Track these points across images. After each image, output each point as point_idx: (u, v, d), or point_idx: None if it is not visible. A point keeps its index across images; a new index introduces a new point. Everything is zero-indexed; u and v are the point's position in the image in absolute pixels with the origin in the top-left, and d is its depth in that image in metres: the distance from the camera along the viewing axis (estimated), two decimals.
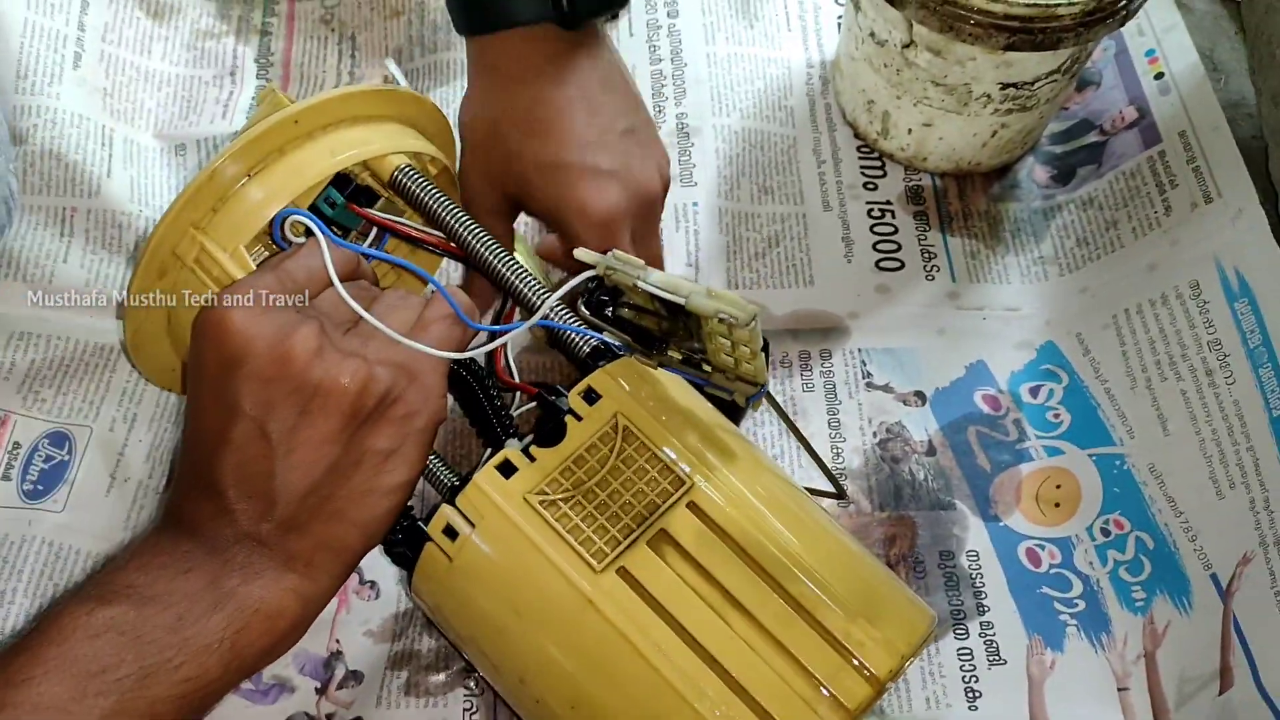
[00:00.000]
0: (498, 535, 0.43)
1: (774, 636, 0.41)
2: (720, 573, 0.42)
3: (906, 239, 0.67)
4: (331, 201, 0.50)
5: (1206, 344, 0.57)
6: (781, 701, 0.40)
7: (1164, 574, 0.54)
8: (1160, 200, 0.63)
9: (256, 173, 0.47)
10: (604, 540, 0.42)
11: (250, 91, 0.70)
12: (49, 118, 0.64)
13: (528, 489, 0.43)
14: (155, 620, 0.40)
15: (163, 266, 0.48)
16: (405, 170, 0.50)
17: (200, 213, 0.47)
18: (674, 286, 0.40)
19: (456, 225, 0.50)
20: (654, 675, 0.40)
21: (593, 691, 0.42)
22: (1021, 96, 0.62)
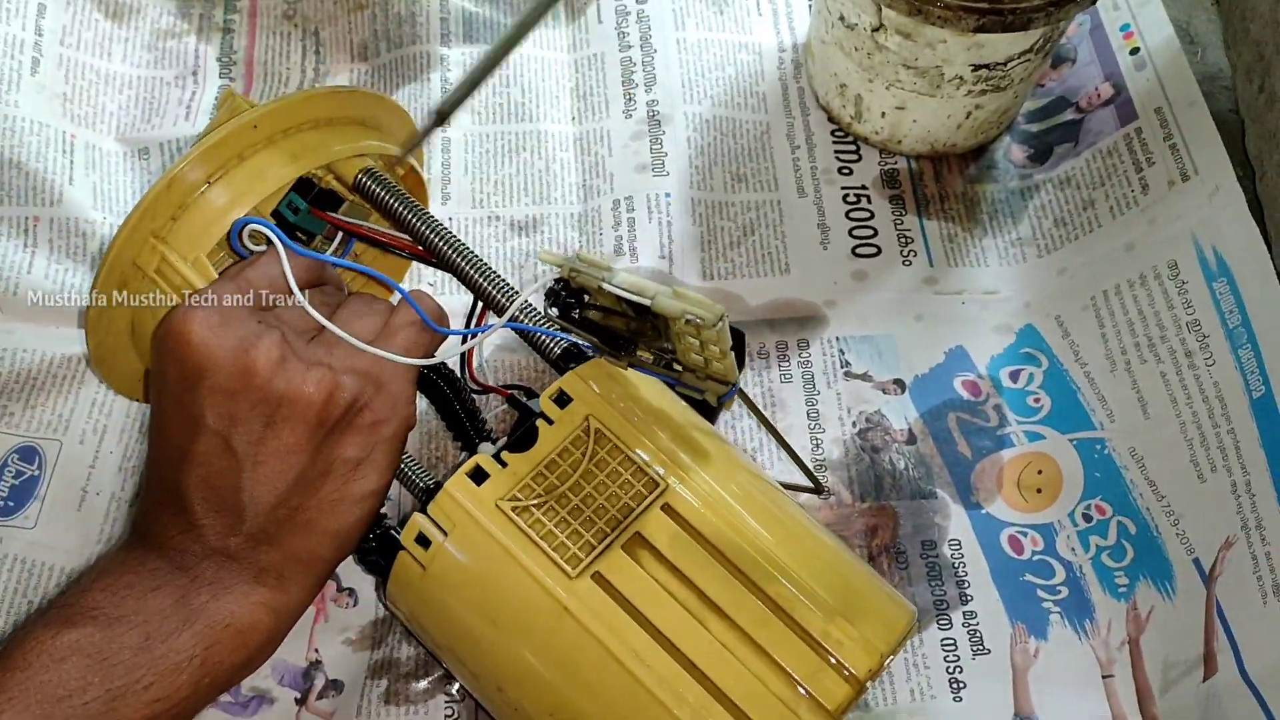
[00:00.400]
0: (470, 543, 0.42)
1: (752, 639, 0.40)
2: (696, 575, 0.41)
3: (883, 224, 0.66)
4: (294, 207, 0.50)
5: (1185, 325, 0.57)
6: (760, 705, 0.39)
7: (1147, 559, 0.54)
8: (1137, 178, 0.63)
9: (216, 179, 0.46)
10: (578, 546, 0.42)
11: (213, 91, 0.69)
12: (7, 126, 0.63)
13: (500, 495, 0.42)
14: (122, 640, 0.39)
15: (123, 277, 0.47)
16: (369, 173, 0.49)
17: (160, 221, 0.46)
18: (639, 288, 0.40)
19: (423, 227, 0.49)
20: (632, 682, 0.40)
21: (571, 699, 0.41)
22: (995, 77, 0.61)
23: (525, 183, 0.66)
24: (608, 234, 0.64)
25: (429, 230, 0.49)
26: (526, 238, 0.65)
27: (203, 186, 0.46)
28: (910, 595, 0.54)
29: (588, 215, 0.65)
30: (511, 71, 0.69)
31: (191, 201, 0.46)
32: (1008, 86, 0.63)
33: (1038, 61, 0.62)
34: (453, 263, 0.49)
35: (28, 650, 0.38)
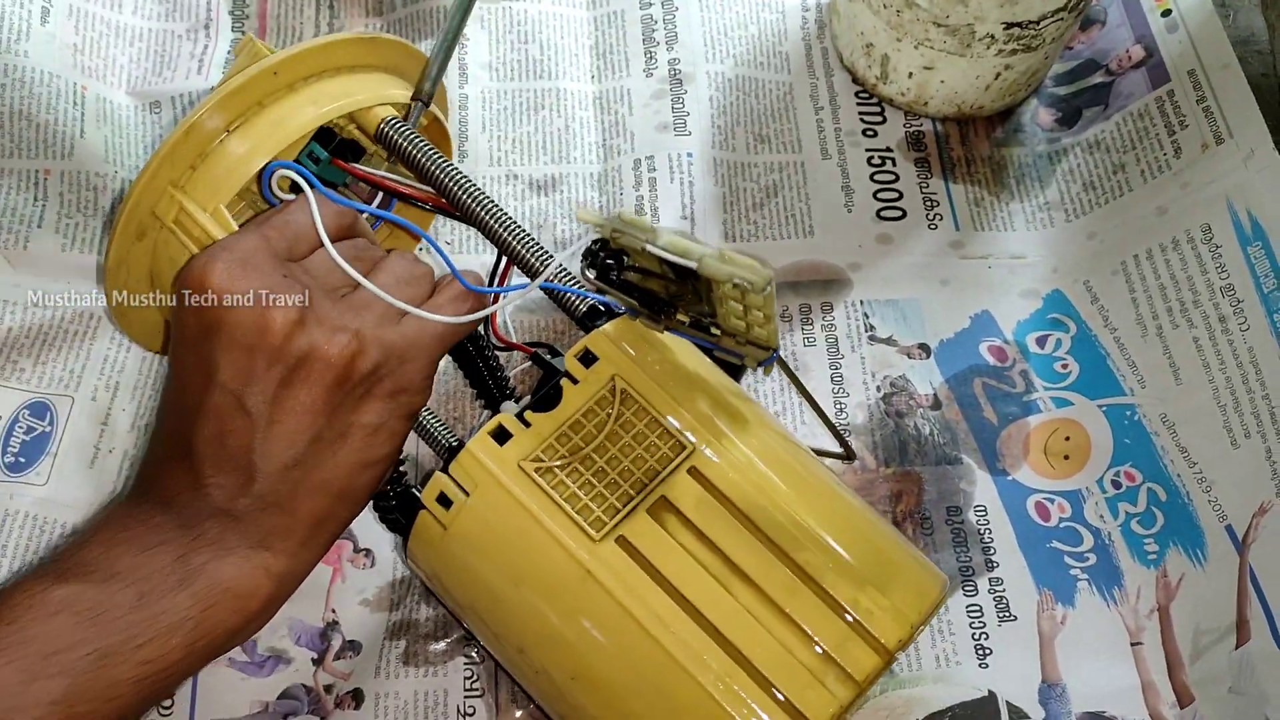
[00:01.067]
0: (493, 504, 0.41)
1: (779, 606, 0.39)
2: (723, 541, 0.40)
3: (908, 187, 0.65)
4: (315, 157, 0.48)
5: (1219, 289, 0.56)
6: (787, 673, 0.38)
7: (1177, 526, 0.53)
8: (1169, 141, 0.61)
9: (236, 127, 0.45)
10: (602, 508, 0.40)
11: (225, 45, 0.67)
12: (17, 77, 0.61)
13: (523, 456, 0.41)
14: (116, 598, 0.38)
15: (141, 227, 0.46)
16: (392, 123, 0.48)
17: (178, 170, 0.45)
18: (684, 250, 0.38)
19: (448, 181, 0.48)
20: (655, 647, 0.39)
21: (593, 663, 0.40)
22: (1026, 36, 0.60)
23: (544, 141, 0.65)
24: (629, 194, 0.63)
25: (453, 184, 0.48)
26: (545, 197, 0.63)
27: (222, 135, 0.45)
28: (935, 561, 0.54)
29: (608, 175, 0.64)
30: (530, 28, 0.68)
31: (211, 150, 0.45)
32: (1039, 46, 0.61)
33: (1070, 20, 0.61)
34: (478, 218, 0.48)
35: (18, 603, 0.37)
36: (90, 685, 0.36)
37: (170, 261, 0.46)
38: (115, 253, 0.46)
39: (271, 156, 0.45)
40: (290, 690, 0.50)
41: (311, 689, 0.51)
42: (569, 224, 0.63)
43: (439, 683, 0.51)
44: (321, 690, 0.50)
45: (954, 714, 0.50)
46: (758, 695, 0.38)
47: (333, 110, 0.46)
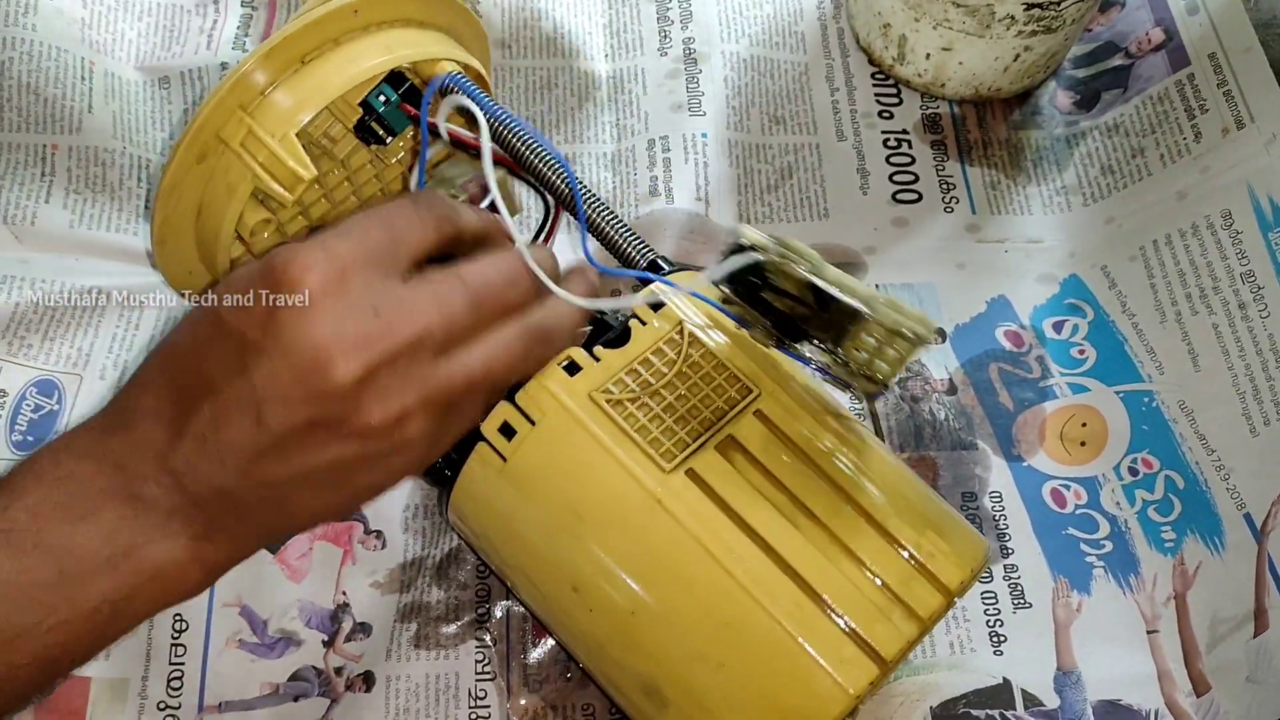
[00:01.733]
0: (560, 433, 0.41)
1: (845, 544, 0.40)
2: (789, 480, 0.41)
3: (924, 170, 0.64)
4: (385, 98, 0.47)
5: (1239, 275, 0.55)
6: (855, 607, 0.38)
7: (1195, 514, 0.53)
8: (1189, 126, 0.61)
9: (311, 59, 0.45)
10: (671, 442, 0.41)
11: (235, 20, 0.67)
12: (24, 50, 0.61)
13: (593, 387, 0.41)
14: (34, 575, 0.35)
15: (204, 149, 0.45)
16: (456, 78, 0.47)
17: (250, 95, 0.44)
18: (851, 290, 0.39)
19: (516, 141, 0.46)
20: (725, 577, 0.39)
21: (658, 595, 0.40)
22: (1047, 17, 0.59)
23: (557, 120, 0.64)
24: (642, 174, 0.62)
25: (522, 145, 0.46)
26: None
27: (296, 66, 0.44)
28: None
29: (621, 155, 0.63)
30: (543, 5, 0.67)
31: (284, 79, 0.44)
32: (1059, 28, 0.60)
33: (1091, 2, 0.60)
34: (550, 182, 0.47)
35: None
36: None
37: (227, 189, 0.45)
38: (172, 175, 0.45)
39: (348, 88, 0.45)
40: (300, 672, 0.50)
41: (322, 671, 0.50)
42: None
43: (450, 665, 0.50)
44: (332, 672, 0.50)
45: (968, 701, 0.50)
46: (828, 627, 0.38)
47: (411, 54, 0.46)
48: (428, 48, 0.47)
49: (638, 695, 0.41)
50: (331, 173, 0.50)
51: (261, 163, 0.44)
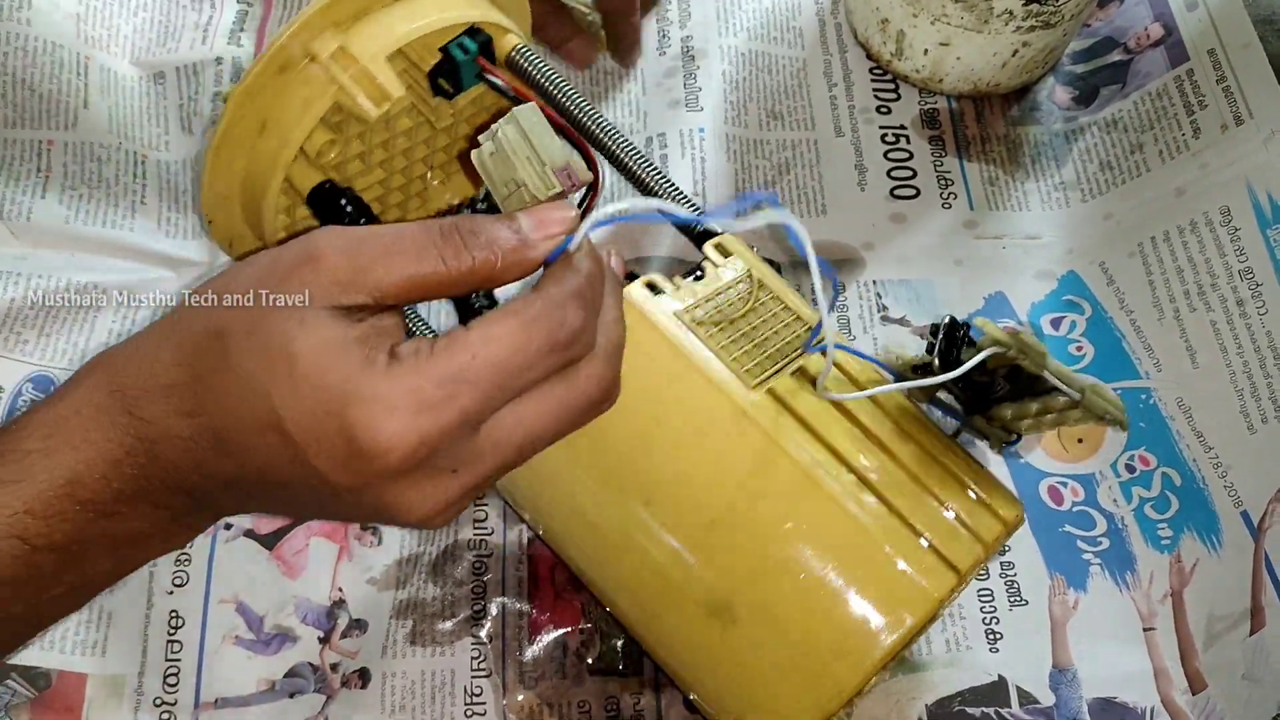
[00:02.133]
0: (643, 343, 0.42)
1: (914, 473, 0.42)
2: (859, 413, 0.43)
3: (922, 165, 0.64)
4: (465, 48, 0.46)
5: (1237, 272, 0.55)
6: (932, 524, 0.41)
7: (1192, 511, 0.53)
8: (1188, 122, 0.61)
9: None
10: (753, 363, 0.43)
11: (230, 15, 0.66)
12: (19, 45, 0.61)
13: (676, 308, 0.43)
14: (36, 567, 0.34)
15: (288, 60, 0.44)
16: (523, 50, 0.48)
17: (344, 15, 0.44)
18: (1069, 380, 0.43)
19: (581, 116, 0.47)
20: (812, 485, 0.40)
21: (742, 504, 0.41)
22: (1045, 13, 0.59)
23: None
24: None
25: (589, 120, 0.48)
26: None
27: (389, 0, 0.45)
28: None
29: None
30: None
31: (377, 7, 0.45)
32: (1058, 23, 0.60)
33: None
34: (615, 156, 0.48)
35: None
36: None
37: (304, 102, 0.45)
38: (252, 81, 0.44)
39: (438, 27, 0.45)
40: (297, 668, 0.50)
41: (318, 667, 0.50)
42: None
43: (446, 662, 0.50)
44: (328, 669, 0.50)
45: (964, 698, 0.50)
46: (910, 539, 0.40)
47: (483, 14, 0.47)
48: (500, 16, 0.48)
49: (700, 620, 0.41)
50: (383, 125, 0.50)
51: (352, 75, 0.44)
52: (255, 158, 0.47)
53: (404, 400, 0.31)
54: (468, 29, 0.46)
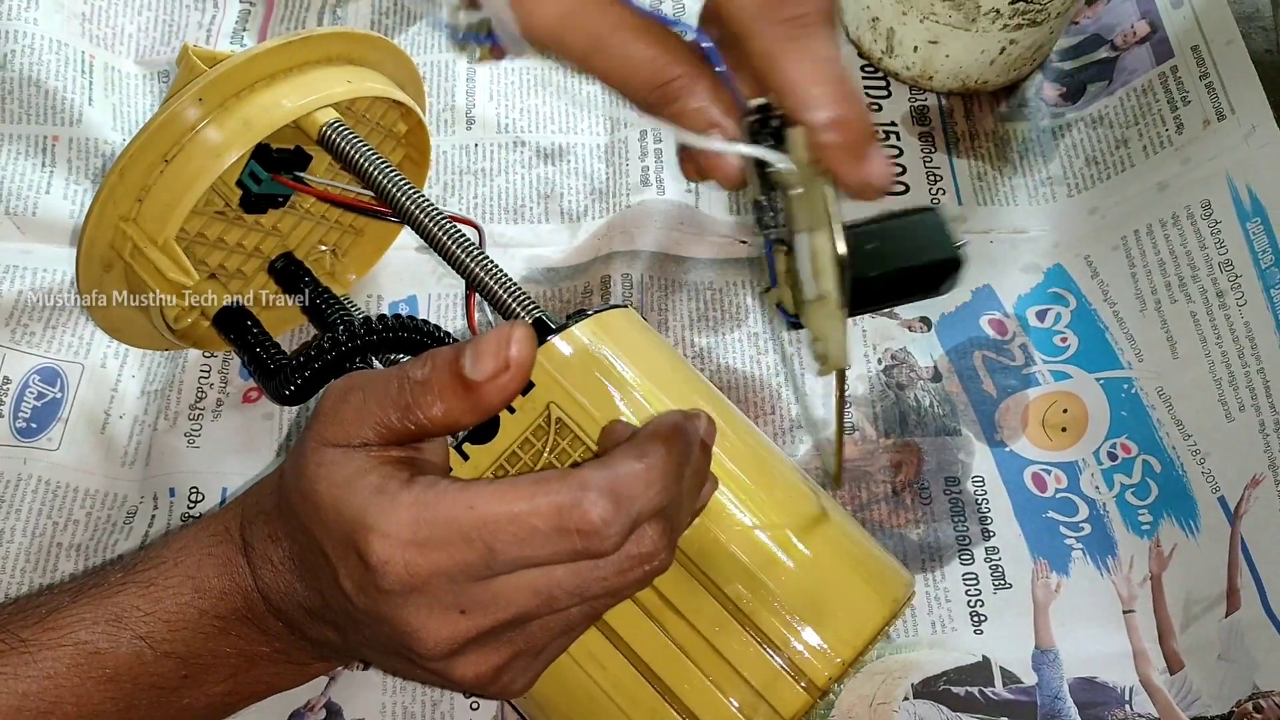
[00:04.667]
0: None
1: (710, 642, 0.39)
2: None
3: (912, 161, 0.65)
4: (257, 177, 0.47)
5: (1218, 265, 0.56)
6: (715, 712, 0.39)
7: (1171, 497, 0.54)
8: (1172, 117, 0.62)
9: (174, 156, 0.45)
10: None
11: (234, 14, 0.68)
12: (26, 43, 0.62)
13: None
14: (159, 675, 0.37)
15: (105, 260, 0.47)
16: (334, 126, 0.46)
17: (125, 205, 0.45)
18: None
19: (389, 185, 0.46)
20: (589, 683, 0.40)
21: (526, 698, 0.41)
22: (1032, 11, 0.60)
23: (551, 113, 0.66)
24: (634, 165, 0.64)
25: (394, 188, 0.46)
26: (553, 166, 0.64)
27: (160, 166, 0.45)
28: (932, 531, 0.55)
29: (614, 146, 0.64)
30: None
31: (153, 181, 0.45)
32: (1044, 21, 0.62)
33: None
34: (421, 226, 0.45)
35: (76, 652, 0.36)
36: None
37: (142, 286, 0.47)
38: (85, 284, 0.47)
39: (208, 185, 0.45)
40: None
41: None
42: (575, 195, 0.63)
43: None
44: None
45: (948, 678, 0.51)
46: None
47: (266, 127, 0.45)
48: (288, 107, 0.45)
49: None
50: (258, 222, 0.51)
51: (151, 274, 0.46)
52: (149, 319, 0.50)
53: (399, 533, 0.32)
54: (255, 151, 0.46)
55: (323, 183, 0.49)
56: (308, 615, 0.37)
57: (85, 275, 0.47)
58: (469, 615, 0.32)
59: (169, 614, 0.37)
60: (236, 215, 0.50)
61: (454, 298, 0.60)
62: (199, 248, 0.50)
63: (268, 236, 0.53)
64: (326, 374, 0.46)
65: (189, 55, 0.46)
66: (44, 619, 0.36)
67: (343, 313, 0.52)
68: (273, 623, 0.38)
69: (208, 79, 0.44)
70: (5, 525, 0.53)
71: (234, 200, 0.48)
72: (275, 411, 0.57)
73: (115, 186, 0.44)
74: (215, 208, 0.49)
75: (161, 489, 0.54)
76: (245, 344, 0.50)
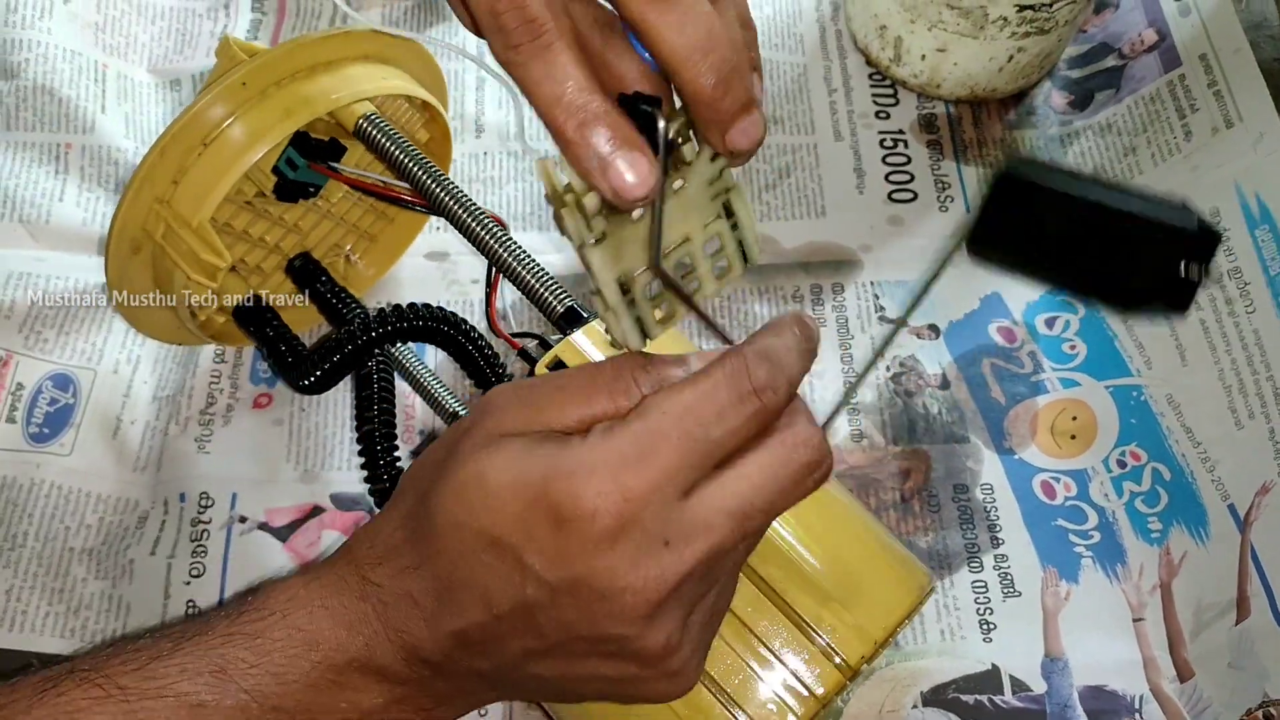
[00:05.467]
0: None
1: (744, 622, 0.40)
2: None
3: (920, 169, 0.65)
4: (293, 163, 0.48)
5: (1226, 272, 0.56)
6: (749, 691, 0.39)
7: (1181, 505, 0.54)
8: (1180, 125, 0.62)
9: (213, 140, 0.45)
10: None
11: (245, 23, 0.68)
12: (40, 52, 0.62)
13: None
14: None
15: (135, 243, 0.47)
16: (371, 119, 0.47)
17: (161, 186, 0.46)
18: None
19: (424, 176, 0.46)
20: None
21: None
22: (1039, 19, 0.60)
23: None
24: None
25: (430, 180, 0.47)
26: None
27: (199, 149, 0.45)
28: (941, 538, 0.55)
29: None
30: None
31: (190, 164, 0.45)
32: (1052, 29, 0.62)
33: (1083, 4, 0.61)
34: (456, 216, 0.46)
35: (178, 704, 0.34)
36: None
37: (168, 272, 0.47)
38: (113, 268, 0.47)
39: (249, 166, 0.45)
40: None
41: None
42: None
43: None
44: None
45: (958, 686, 0.51)
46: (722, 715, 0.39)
47: (305, 115, 0.46)
48: (329, 97, 0.46)
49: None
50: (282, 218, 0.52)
51: (183, 254, 0.46)
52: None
53: (603, 462, 0.31)
54: (293, 138, 0.46)
55: (356, 173, 0.49)
56: (457, 644, 0.34)
57: (114, 257, 0.47)
58: (673, 547, 0.31)
59: (277, 667, 0.35)
60: (264, 207, 0.51)
61: (463, 303, 0.60)
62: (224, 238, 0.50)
63: (289, 233, 0.53)
64: (348, 363, 0.47)
65: (230, 45, 0.47)
66: (144, 666, 0.34)
67: (359, 310, 0.52)
68: (398, 668, 0.35)
69: (252, 66, 0.45)
70: (18, 530, 0.53)
71: (267, 187, 0.49)
72: (285, 417, 0.57)
73: (154, 166, 0.45)
74: (245, 196, 0.50)
75: (172, 494, 0.54)
76: (265, 337, 0.51)
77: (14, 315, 0.58)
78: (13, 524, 0.53)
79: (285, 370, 0.49)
